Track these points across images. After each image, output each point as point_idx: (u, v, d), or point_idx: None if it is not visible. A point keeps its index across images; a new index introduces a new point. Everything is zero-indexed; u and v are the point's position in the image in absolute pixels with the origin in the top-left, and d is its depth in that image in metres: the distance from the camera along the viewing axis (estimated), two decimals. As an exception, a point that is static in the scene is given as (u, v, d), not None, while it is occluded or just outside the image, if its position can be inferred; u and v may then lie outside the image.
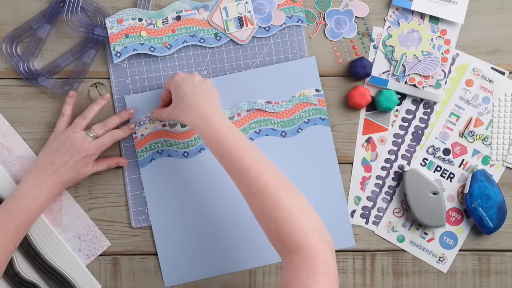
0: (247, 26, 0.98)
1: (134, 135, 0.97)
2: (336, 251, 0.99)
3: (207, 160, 0.98)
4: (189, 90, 0.87)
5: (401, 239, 1.00)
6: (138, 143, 0.97)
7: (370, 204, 1.00)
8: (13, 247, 0.88)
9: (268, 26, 0.98)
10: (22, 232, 0.89)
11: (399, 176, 1.00)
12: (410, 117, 1.00)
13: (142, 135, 0.97)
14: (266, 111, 0.98)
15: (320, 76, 0.99)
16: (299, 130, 0.98)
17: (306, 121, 0.98)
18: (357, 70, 0.97)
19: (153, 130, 0.97)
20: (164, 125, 0.97)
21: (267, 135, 0.98)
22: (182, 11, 0.97)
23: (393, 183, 1.00)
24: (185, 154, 0.98)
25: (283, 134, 0.98)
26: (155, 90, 0.98)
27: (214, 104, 0.87)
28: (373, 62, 0.99)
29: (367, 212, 1.00)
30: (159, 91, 0.97)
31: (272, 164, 0.81)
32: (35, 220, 0.90)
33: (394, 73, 0.98)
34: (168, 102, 0.94)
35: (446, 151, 0.99)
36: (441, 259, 1.00)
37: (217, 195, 0.97)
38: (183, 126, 0.98)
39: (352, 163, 1.00)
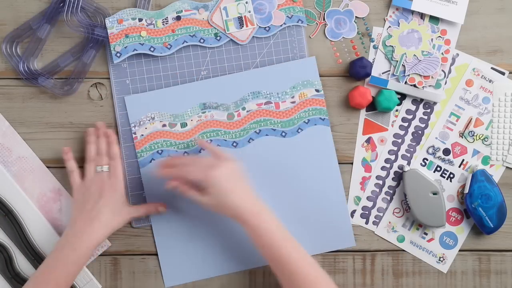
0: (247, 26, 0.98)
1: (134, 135, 0.97)
2: (336, 251, 1.00)
3: None
4: (226, 191, 0.88)
5: (401, 239, 1.00)
6: (138, 143, 0.97)
7: (370, 204, 1.00)
8: None
9: (268, 26, 0.98)
10: (63, 285, 0.87)
11: (399, 176, 1.00)
12: (410, 117, 1.00)
13: (142, 135, 0.97)
14: (266, 110, 0.98)
15: (320, 76, 0.99)
16: (299, 130, 0.98)
17: (306, 121, 0.98)
18: (357, 70, 0.97)
19: (153, 131, 0.97)
20: (164, 125, 0.97)
21: (267, 135, 0.98)
22: (182, 11, 0.97)
23: (393, 183, 1.00)
24: (185, 154, 0.98)
25: (283, 134, 0.98)
26: (155, 90, 0.97)
27: (251, 195, 0.89)
28: (373, 62, 0.99)
29: (367, 212, 1.00)
30: (159, 91, 0.97)
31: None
32: (77, 271, 0.89)
33: (394, 73, 0.98)
34: None
35: (446, 151, 0.99)
36: (441, 259, 1.00)
37: None
38: (183, 126, 0.98)
39: (352, 163, 1.00)
